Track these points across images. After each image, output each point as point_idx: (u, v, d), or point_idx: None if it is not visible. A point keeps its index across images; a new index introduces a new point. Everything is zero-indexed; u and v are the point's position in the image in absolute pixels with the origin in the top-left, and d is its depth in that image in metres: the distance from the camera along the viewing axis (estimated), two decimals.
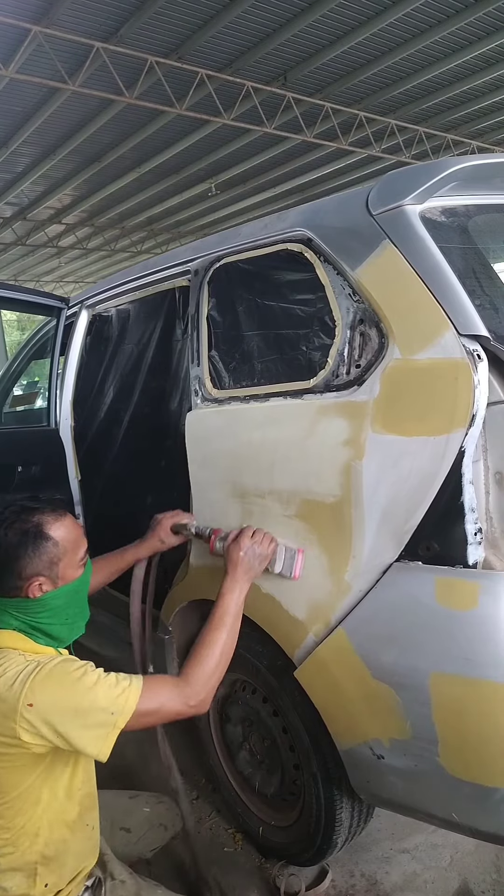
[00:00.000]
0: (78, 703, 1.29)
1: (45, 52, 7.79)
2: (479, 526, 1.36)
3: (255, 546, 1.62)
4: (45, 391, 3.03)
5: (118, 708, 1.30)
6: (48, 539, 1.42)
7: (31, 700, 1.26)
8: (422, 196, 1.52)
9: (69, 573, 1.45)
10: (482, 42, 9.06)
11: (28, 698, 1.26)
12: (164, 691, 1.37)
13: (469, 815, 1.42)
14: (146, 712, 1.33)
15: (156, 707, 1.34)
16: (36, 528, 1.42)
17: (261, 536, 1.64)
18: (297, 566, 1.61)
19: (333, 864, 1.98)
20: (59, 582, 1.43)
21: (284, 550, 1.64)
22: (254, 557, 1.61)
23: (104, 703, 1.29)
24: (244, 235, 1.91)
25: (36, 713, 1.26)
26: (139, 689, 1.33)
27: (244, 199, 15.06)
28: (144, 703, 1.32)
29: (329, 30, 8.41)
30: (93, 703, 1.29)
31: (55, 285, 22.58)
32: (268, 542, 1.64)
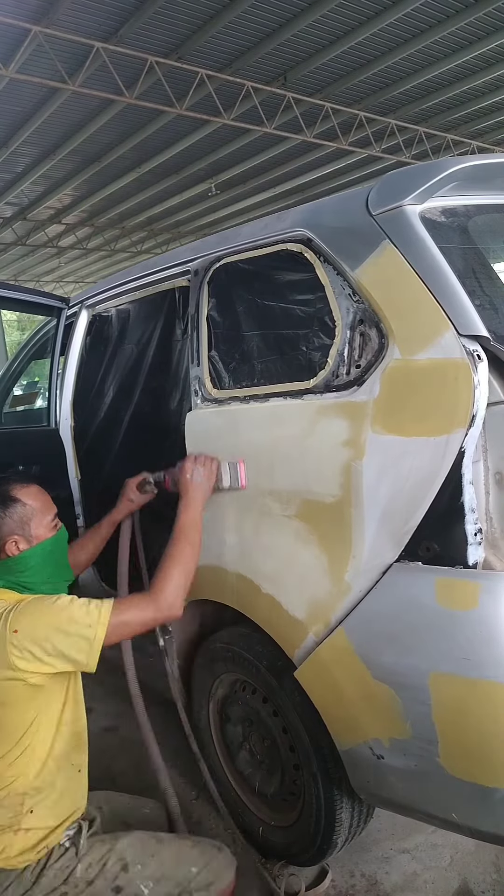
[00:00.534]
0: (56, 620, 1.44)
1: (45, 52, 7.79)
2: (479, 526, 1.36)
3: (199, 466, 1.78)
4: (46, 391, 3.03)
5: (93, 620, 1.45)
6: (16, 501, 1.61)
7: (14, 627, 1.42)
8: (422, 196, 1.52)
9: (41, 532, 1.63)
10: (482, 42, 9.07)
11: (12, 626, 1.42)
12: (134, 601, 1.54)
13: (469, 815, 1.42)
14: (121, 622, 1.48)
15: (129, 617, 1.50)
16: (4, 493, 1.62)
17: (203, 458, 1.80)
18: (241, 476, 1.77)
19: (333, 865, 1.98)
20: (33, 540, 1.61)
21: (227, 466, 1.78)
22: (200, 476, 1.77)
23: (80, 617, 1.45)
24: (244, 235, 1.91)
25: (22, 636, 1.41)
26: (111, 603, 1.49)
27: (244, 199, 15.06)
28: (118, 614, 1.48)
29: (329, 30, 8.41)
30: (70, 617, 1.45)
31: (55, 285, 22.58)
32: (209, 461, 1.80)
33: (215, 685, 2.09)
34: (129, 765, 2.48)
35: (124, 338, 2.73)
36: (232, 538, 1.84)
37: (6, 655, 1.41)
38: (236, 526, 1.84)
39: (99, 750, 1.83)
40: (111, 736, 2.69)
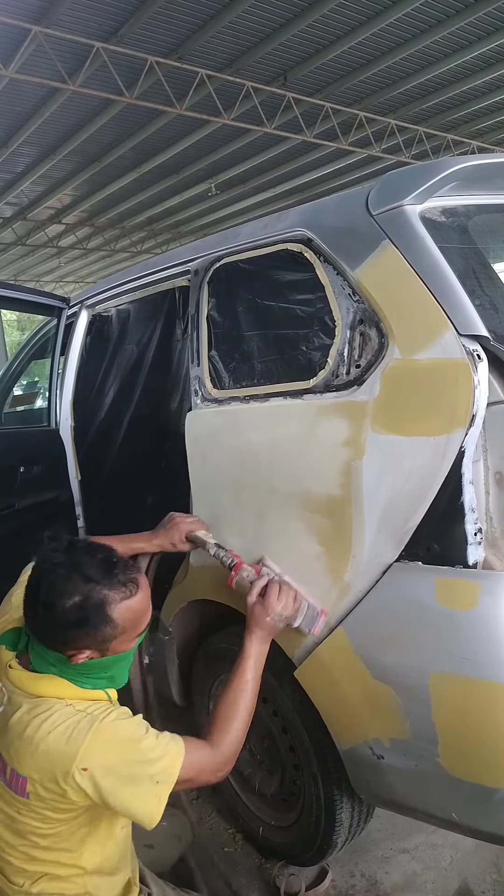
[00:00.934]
0: (131, 771, 1.26)
1: (45, 52, 7.78)
2: (479, 526, 1.36)
3: (283, 610, 1.56)
4: (46, 391, 3.03)
5: (164, 777, 1.27)
6: (108, 622, 1.29)
7: (85, 765, 1.22)
8: (422, 196, 1.52)
9: (121, 647, 1.36)
10: (482, 42, 9.07)
11: (83, 762, 1.21)
12: (199, 761, 1.34)
13: (469, 815, 1.42)
14: (184, 780, 1.31)
15: (192, 776, 1.33)
16: (98, 608, 1.28)
17: (286, 597, 1.57)
18: (317, 625, 1.57)
19: (333, 865, 1.98)
20: (108, 653, 1.34)
21: (307, 608, 1.59)
22: (280, 621, 1.57)
23: (153, 771, 1.26)
24: (244, 235, 1.91)
25: (89, 778, 1.22)
26: (182, 756, 1.30)
27: (244, 199, 15.06)
28: (185, 772, 1.30)
29: (329, 30, 8.41)
30: (143, 772, 1.26)
31: (55, 285, 22.58)
32: (293, 604, 1.58)
33: (215, 685, 2.09)
34: None
35: (124, 338, 2.73)
36: (232, 538, 1.84)
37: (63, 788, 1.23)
38: (236, 525, 1.84)
39: None
40: None
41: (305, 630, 1.59)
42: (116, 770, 1.24)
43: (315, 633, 1.58)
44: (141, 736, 1.28)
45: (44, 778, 1.24)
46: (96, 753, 1.23)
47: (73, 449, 2.78)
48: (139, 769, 1.26)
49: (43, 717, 1.26)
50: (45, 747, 1.23)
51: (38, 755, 1.23)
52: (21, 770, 1.26)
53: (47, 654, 1.33)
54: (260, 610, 1.57)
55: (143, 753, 1.26)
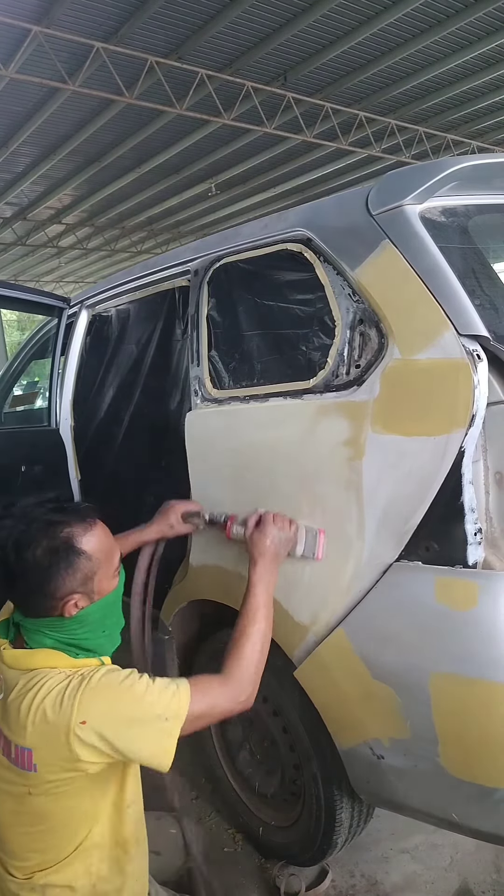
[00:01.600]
0: (131, 713, 1.23)
1: (45, 52, 7.78)
2: (478, 526, 1.36)
3: (280, 532, 1.57)
4: (46, 391, 3.03)
5: (172, 713, 1.24)
6: (80, 554, 1.30)
7: (83, 717, 1.20)
8: (421, 196, 1.52)
9: (105, 585, 1.36)
10: (482, 42, 9.06)
11: (80, 716, 1.20)
12: (212, 692, 1.32)
13: (469, 815, 1.42)
14: (199, 714, 1.28)
15: (207, 708, 1.30)
16: (66, 544, 1.30)
17: (282, 520, 1.59)
18: (319, 547, 1.57)
19: (333, 865, 1.98)
20: (95, 596, 1.34)
21: (305, 532, 1.59)
22: (280, 544, 1.56)
23: (158, 710, 1.24)
24: (244, 235, 1.91)
25: (90, 729, 1.20)
26: (188, 692, 1.28)
27: (244, 199, 15.05)
28: (196, 705, 1.27)
29: (329, 30, 8.41)
30: (146, 711, 1.24)
31: (55, 285, 22.58)
32: (290, 525, 1.59)
33: None
34: None
35: (124, 338, 2.73)
36: None
37: (68, 748, 1.21)
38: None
39: None
40: None
41: (309, 555, 1.58)
42: (115, 714, 1.23)
43: (319, 557, 1.57)
44: (135, 680, 1.27)
45: (47, 744, 1.23)
46: (93, 705, 1.22)
47: (73, 449, 2.78)
48: (139, 710, 1.24)
49: (37, 686, 1.26)
50: (42, 712, 1.22)
51: (38, 722, 1.23)
52: (24, 742, 1.24)
53: (41, 625, 1.33)
54: (258, 536, 1.57)
55: (141, 695, 1.25)
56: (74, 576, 1.29)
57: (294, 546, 1.59)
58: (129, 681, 1.27)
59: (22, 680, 1.29)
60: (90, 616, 1.34)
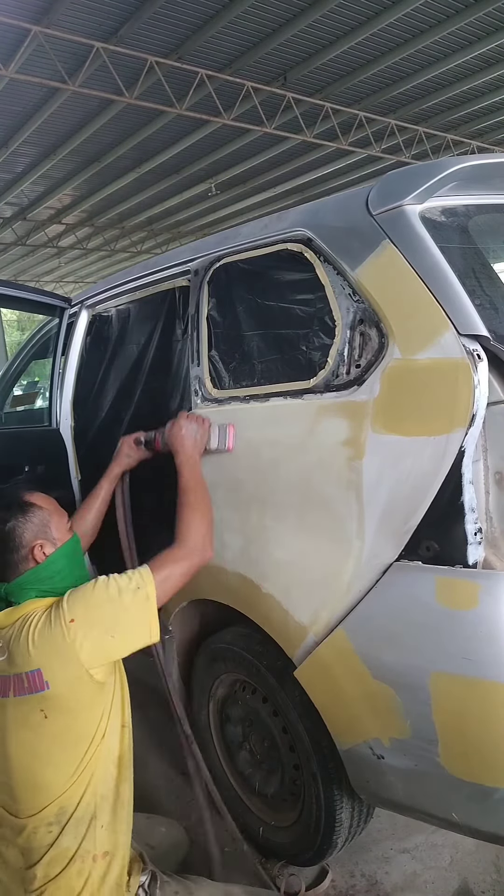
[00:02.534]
0: (105, 595, 1.45)
1: (45, 52, 7.78)
2: (479, 526, 1.36)
3: (191, 422, 1.82)
4: (47, 391, 3.03)
5: (140, 582, 1.48)
6: (33, 505, 1.60)
7: (70, 617, 1.41)
8: (422, 196, 1.52)
9: (61, 535, 1.62)
10: (482, 42, 9.07)
11: (67, 617, 1.41)
12: (165, 556, 1.57)
13: (469, 815, 1.42)
14: (163, 578, 1.52)
15: (168, 571, 1.54)
16: (18, 500, 1.61)
17: (193, 418, 1.84)
18: (229, 439, 1.80)
19: (333, 865, 1.98)
20: (57, 543, 1.60)
21: (217, 428, 1.82)
22: (193, 431, 1.80)
23: (125, 584, 1.47)
24: (244, 235, 1.91)
25: (79, 623, 1.40)
26: (146, 566, 1.53)
27: (244, 199, 15.05)
28: (157, 572, 1.51)
29: (329, 30, 8.41)
30: (118, 591, 1.46)
31: (55, 285, 22.58)
32: (201, 419, 1.84)
33: (215, 685, 2.09)
34: None
35: (124, 338, 2.73)
36: (232, 538, 1.84)
37: (69, 650, 1.40)
38: (236, 525, 1.84)
39: None
40: None
41: (222, 447, 1.80)
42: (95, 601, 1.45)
43: (230, 447, 1.80)
44: (102, 579, 1.50)
45: (52, 656, 1.40)
46: (73, 604, 1.44)
47: (73, 449, 2.78)
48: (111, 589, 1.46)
49: (29, 620, 1.45)
50: (38, 633, 1.42)
51: (37, 641, 1.41)
52: (31, 665, 1.41)
53: (23, 584, 1.55)
54: (175, 430, 1.82)
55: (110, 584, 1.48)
56: (32, 522, 1.58)
57: (208, 442, 1.82)
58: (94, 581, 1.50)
59: (16, 627, 1.47)
60: (58, 562, 1.59)
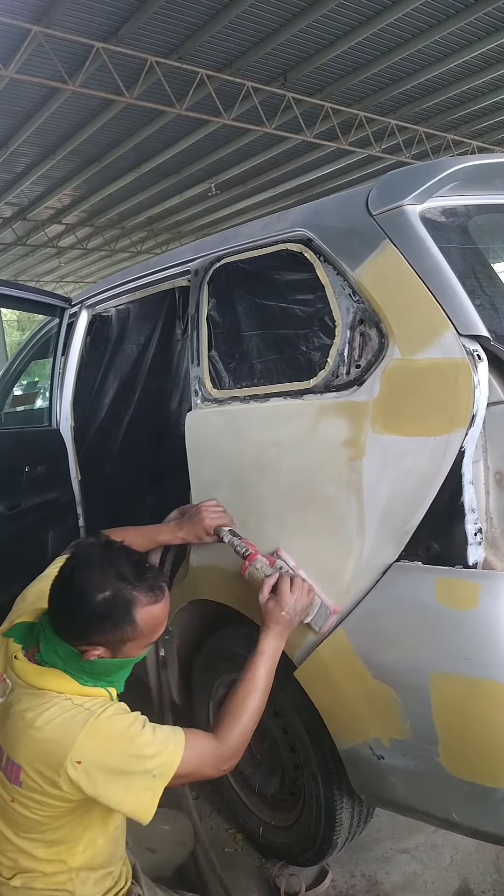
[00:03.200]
0: (125, 766, 1.27)
1: (45, 52, 7.78)
2: (479, 526, 1.36)
3: (297, 603, 1.54)
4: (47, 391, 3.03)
5: (161, 772, 1.28)
6: (131, 622, 1.33)
7: (79, 757, 1.23)
8: (422, 196, 1.52)
9: (133, 652, 1.39)
10: (482, 42, 9.06)
11: (77, 754, 1.23)
12: (201, 755, 1.34)
13: (469, 815, 1.42)
14: (183, 775, 1.31)
15: (192, 770, 1.33)
16: (124, 606, 1.32)
17: (299, 591, 1.55)
18: (328, 623, 1.55)
19: (334, 865, 1.98)
20: (118, 655, 1.37)
21: (320, 604, 1.57)
22: (295, 614, 1.55)
23: (150, 766, 1.27)
24: (244, 235, 1.91)
25: (83, 771, 1.23)
26: (181, 750, 1.30)
27: (244, 199, 15.05)
28: (184, 766, 1.30)
29: (329, 30, 8.41)
30: (139, 767, 1.27)
31: (55, 285, 22.57)
32: (307, 595, 1.56)
33: (215, 685, 2.09)
34: None
35: (124, 338, 2.73)
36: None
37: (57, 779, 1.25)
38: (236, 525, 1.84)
39: None
40: None
41: (315, 627, 1.57)
42: (111, 764, 1.26)
43: (324, 630, 1.56)
44: (138, 731, 1.29)
45: (38, 767, 1.25)
46: (91, 747, 1.24)
47: (73, 449, 2.78)
48: (135, 764, 1.27)
49: (42, 708, 1.28)
50: (42, 737, 1.25)
51: (35, 745, 1.25)
52: (17, 758, 1.27)
53: (58, 647, 1.34)
54: (274, 605, 1.55)
55: (140, 749, 1.27)
56: (113, 635, 1.33)
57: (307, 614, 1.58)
58: (133, 731, 1.28)
59: (27, 696, 1.31)
60: (101, 666, 1.36)
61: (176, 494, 2.10)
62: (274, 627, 1.54)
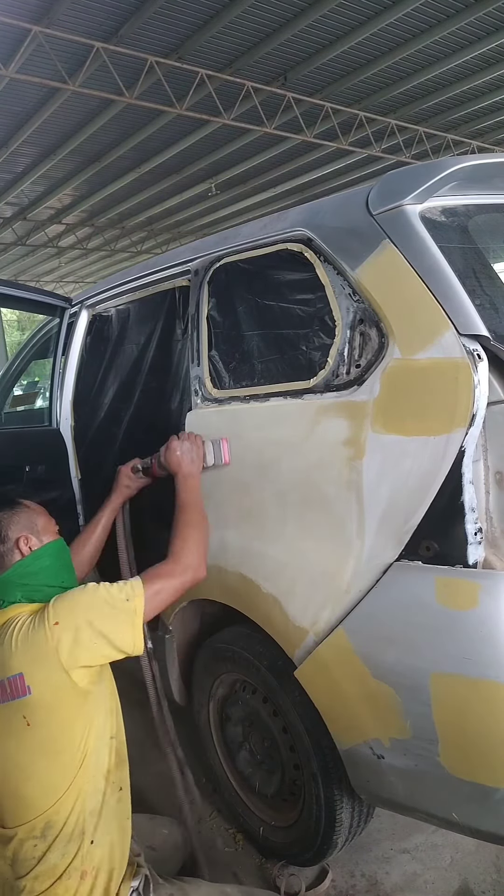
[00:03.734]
0: (94, 600, 1.44)
1: (45, 52, 7.78)
2: (479, 526, 1.36)
3: (184, 442, 1.83)
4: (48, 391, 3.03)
5: (130, 593, 1.47)
6: (19, 503, 1.65)
7: (55, 619, 1.40)
8: (422, 196, 1.52)
9: (48, 534, 1.65)
10: (482, 42, 9.06)
11: (52, 620, 1.40)
12: (159, 570, 1.55)
13: (469, 815, 1.42)
14: (154, 592, 1.50)
15: (160, 585, 1.52)
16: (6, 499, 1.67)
17: (185, 438, 1.84)
18: (224, 453, 1.82)
19: (334, 865, 1.98)
20: (42, 539, 1.62)
21: (211, 444, 1.84)
22: (188, 451, 1.82)
23: (115, 593, 1.46)
24: (244, 235, 1.91)
25: (63, 626, 1.39)
26: (139, 578, 1.52)
27: (244, 199, 15.05)
28: (149, 585, 1.50)
29: (329, 30, 8.41)
30: (106, 598, 1.45)
31: (55, 285, 22.58)
32: (194, 437, 1.85)
33: (215, 685, 2.09)
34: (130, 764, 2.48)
35: (124, 338, 2.73)
36: (232, 538, 1.84)
37: (51, 653, 1.37)
38: (237, 526, 1.84)
39: None
40: None
41: (219, 462, 1.83)
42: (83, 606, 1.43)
43: (227, 461, 1.82)
44: (95, 586, 1.49)
45: (34, 660, 1.38)
46: (58, 609, 1.42)
47: (73, 448, 2.78)
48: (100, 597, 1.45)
49: (12, 628, 1.44)
50: (22, 637, 1.41)
51: (19, 647, 1.40)
52: (13, 668, 1.39)
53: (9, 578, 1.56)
54: (169, 454, 1.83)
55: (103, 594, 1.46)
56: (19, 516, 1.62)
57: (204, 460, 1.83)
58: (91, 587, 1.49)
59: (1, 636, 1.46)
60: (44, 558, 1.60)
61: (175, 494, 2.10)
62: (177, 469, 1.80)
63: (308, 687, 1.63)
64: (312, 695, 1.62)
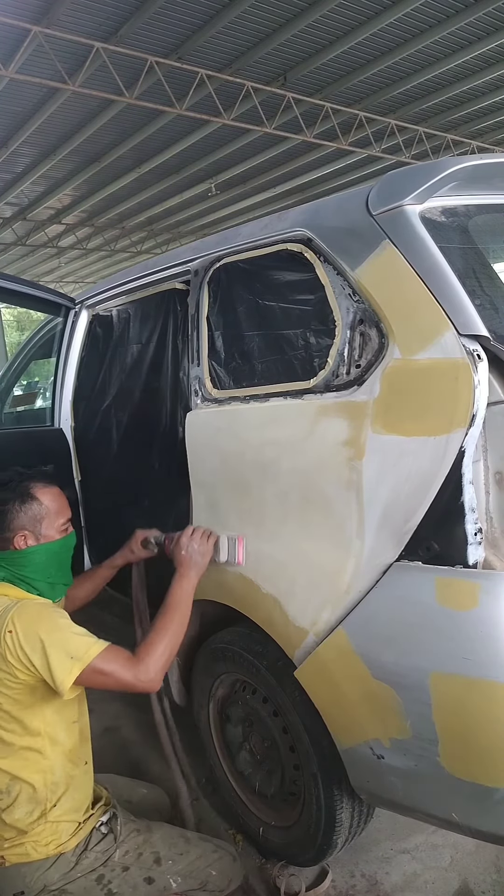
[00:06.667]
0: (47, 636, 1.47)
1: (45, 52, 7.79)
2: (479, 526, 1.36)
3: (194, 543, 1.78)
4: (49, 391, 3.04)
5: (79, 655, 1.47)
6: (34, 499, 1.66)
7: (11, 628, 1.47)
8: (422, 196, 1.52)
9: (51, 533, 1.66)
10: (482, 42, 9.07)
11: (9, 626, 1.47)
12: (120, 660, 1.52)
13: (469, 815, 1.42)
14: (99, 671, 1.48)
15: (109, 670, 1.49)
16: (25, 489, 1.66)
17: (199, 534, 1.80)
18: (239, 552, 1.77)
19: (334, 865, 1.98)
20: (41, 539, 1.65)
21: (227, 540, 1.79)
22: (194, 553, 1.77)
23: (68, 647, 1.47)
24: (244, 236, 1.91)
25: (13, 639, 1.46)
26: (100, 649, 1.49)
27: (244, 199, 15.06)
28: (100, 662, 1.48)
29: (329, 30, 8.42)
30: (59, 641, 1.47)
31: (55, 285, 22.56)
32: (205, 538, 1.80)
33: (215, 685, 2.09)
34: (129, 765, 2.48)
35: (124, 338, 2.73)
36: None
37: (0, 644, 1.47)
38: (236, 526, 1.84)
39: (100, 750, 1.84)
40: (112, 736, 2.69)
41: (232, 560, 1.77)
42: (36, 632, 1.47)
43: (240, 562, 1.76)
44: (63, 615, 1.55)
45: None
46: (20, 620, 1.48)
47: (73, 448, 2.78)
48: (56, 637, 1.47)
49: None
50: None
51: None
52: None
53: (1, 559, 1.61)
54: (176, 549, 1.80)
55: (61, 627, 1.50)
56: (26, 514, 1.64)
57: (217, 554, 1.79)
58: (58, 614, 1.54)
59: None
60: (35, 556, 1.63)
61: (175, 495, 2.10)
62: (178, 567, 1.77)
63: (308, 687, 1.62)
64: (312, 695, 1.62)
